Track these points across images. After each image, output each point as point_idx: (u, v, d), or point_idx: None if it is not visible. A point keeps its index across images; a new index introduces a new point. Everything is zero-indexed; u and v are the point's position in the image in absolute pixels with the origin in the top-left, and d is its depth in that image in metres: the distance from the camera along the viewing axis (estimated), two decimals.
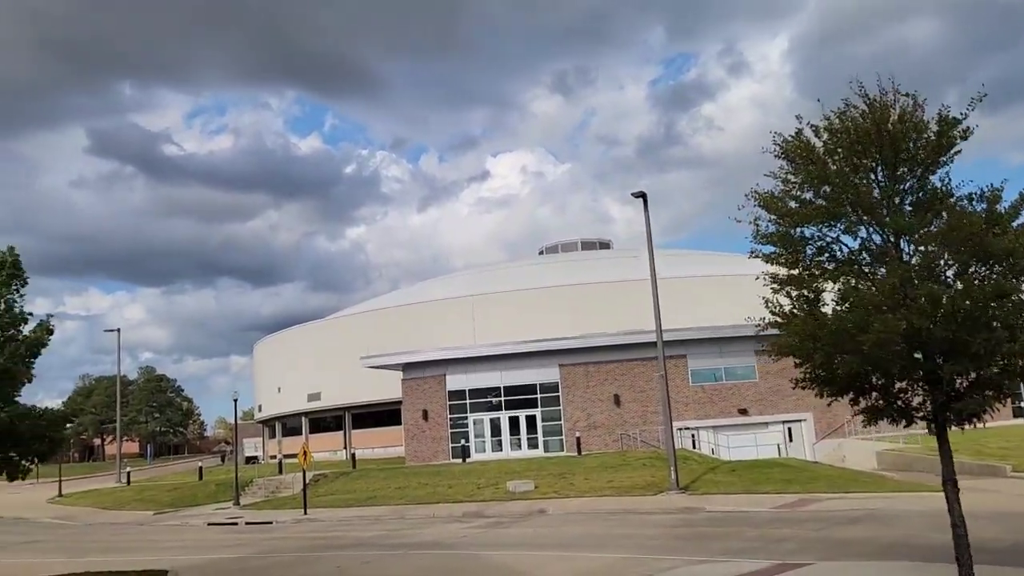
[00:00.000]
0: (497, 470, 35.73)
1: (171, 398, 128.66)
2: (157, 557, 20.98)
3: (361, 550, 19.67)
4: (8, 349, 14.28)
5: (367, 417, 62.11)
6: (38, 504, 45.47)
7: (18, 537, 30.33)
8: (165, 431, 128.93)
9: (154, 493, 43.68)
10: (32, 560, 22.64)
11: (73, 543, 27.05)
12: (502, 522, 24.14)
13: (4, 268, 14.81)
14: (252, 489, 40.64)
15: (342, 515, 29.43)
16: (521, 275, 61.48)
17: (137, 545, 25.24)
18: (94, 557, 22.10)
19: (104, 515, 37.54)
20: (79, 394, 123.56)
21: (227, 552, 21.37)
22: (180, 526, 30.83)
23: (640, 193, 28.67)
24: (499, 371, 44.30)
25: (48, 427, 14.83)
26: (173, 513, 35.98)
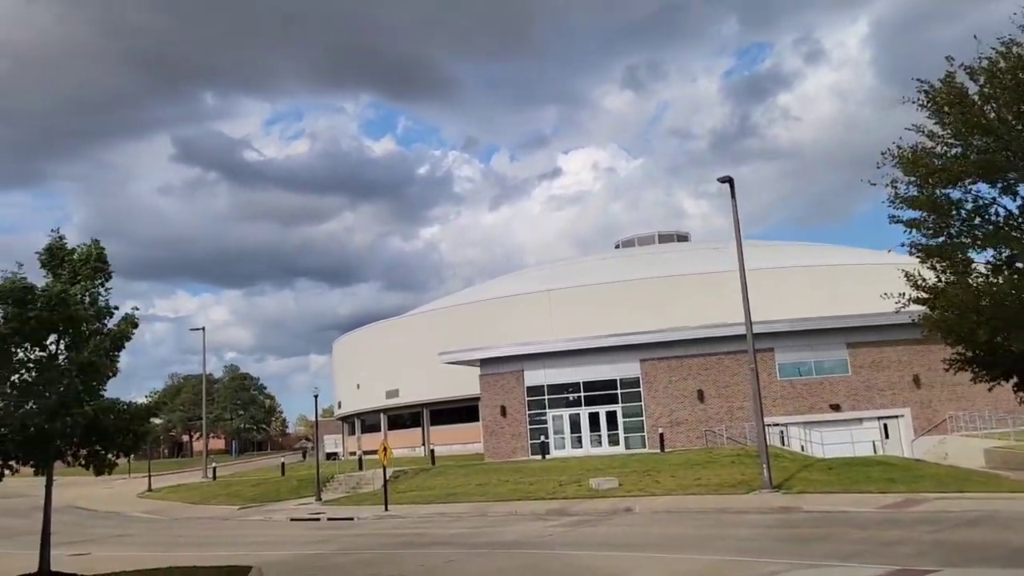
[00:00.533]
0: (578, 467, 34.93)
1: (254, 396, 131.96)
2: (241, 552, 20.93)
3: (444, 548, 19.17)
4: (93, 343, 14.22)
5: (445, 414, 62.09)
6: (130, 499, 46.82)
7: (111, 530, 31.04)
8: (249, 428, 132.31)
9: (239, 488, 44.40)
10: (122, 553, 22.93)
11: (161, 537, 27.46)
12: (587, 520, 23.34)
13: (89, 261, 14.77)
14: (333, 485, 40.85)
15: (423, 512, 29.09)
16: (597, 269, 60.46)
17: (222, 540, 25.40)
18: (181, 552, 22.26)
19: (191, 510, 38.26)
20: (168, 392, 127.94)
21: (309, 548, 21.18)
22: (264, 521, 31.03)
23: (727, 178, 27.43)
24: (578, 366, 43.48)
25: (132, 421, 14.74)
26: (257, 508, 36.36)
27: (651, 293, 51.29)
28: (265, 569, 17.07)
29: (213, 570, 16.83)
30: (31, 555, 23.95)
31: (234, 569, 16.91)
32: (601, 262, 64.50)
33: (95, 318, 14.69)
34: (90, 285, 14.64)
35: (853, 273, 49.51)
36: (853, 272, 49.63)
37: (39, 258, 14.91)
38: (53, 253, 14.93)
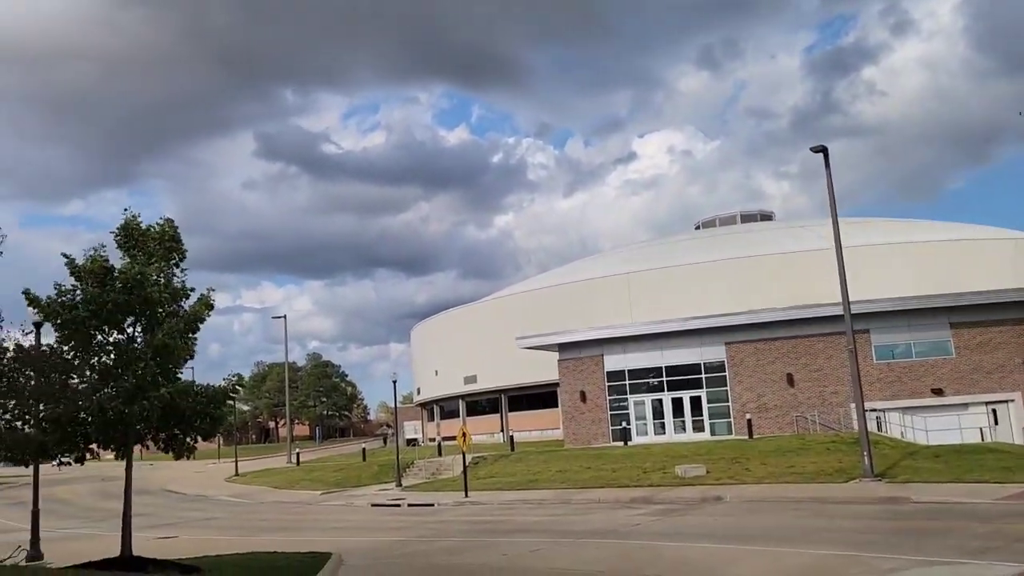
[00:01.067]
0: (662, 454, 33.80)
1: (336, 383, 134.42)
2: (323, 537, 20.69)
3: (527, 536, 18.45)
4: (167, 324, 13.93)
5: (523, 399, 61.54)
6: (218, 483, 47.84)
7: (199, 514, 31.52)
8: (332, 414, 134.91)
9: (321, 473, 44.80)
10: (207, 537, 23.03)
11: (247, 521, 27.62)
12: (675, 509, 22.29)
13: (163, 241, 14.50)
14: (413, 470, 40.74)
15: (503, 498, 28.51)
16: (677, 251, 58.72)
17: (304, 524, 25.32)
18: (263, 536, 22.18)
19: (275, 494, 38.68)
20: (254, 380, 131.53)
21: (390, 535, 20.79)
22: (345, 506, 30.99)
23: (821, 147, 25.76)
24: (659, 350, 42.17)
25: (208, 404, 14.42)
26: (339, 493, 36.47)
27: (735, 274, 49.42)
28: (345, 556, 16.68)
29: (293, 556, 16.50)
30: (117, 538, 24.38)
31: (314, 555, 16.56)
32: (681, 244, 62.68)
33: (171, 299, 14.42)
34: (164, 266, 14.37)
35: (952, 250, 46.64)
36: (952, 249, 46.76)
37: (115, 238, 14.71)
38: (129, 232, 14.71)
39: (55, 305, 13.51)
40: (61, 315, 13.46)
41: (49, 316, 13.48)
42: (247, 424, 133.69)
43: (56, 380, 13.48)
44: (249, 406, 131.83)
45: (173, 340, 13.64)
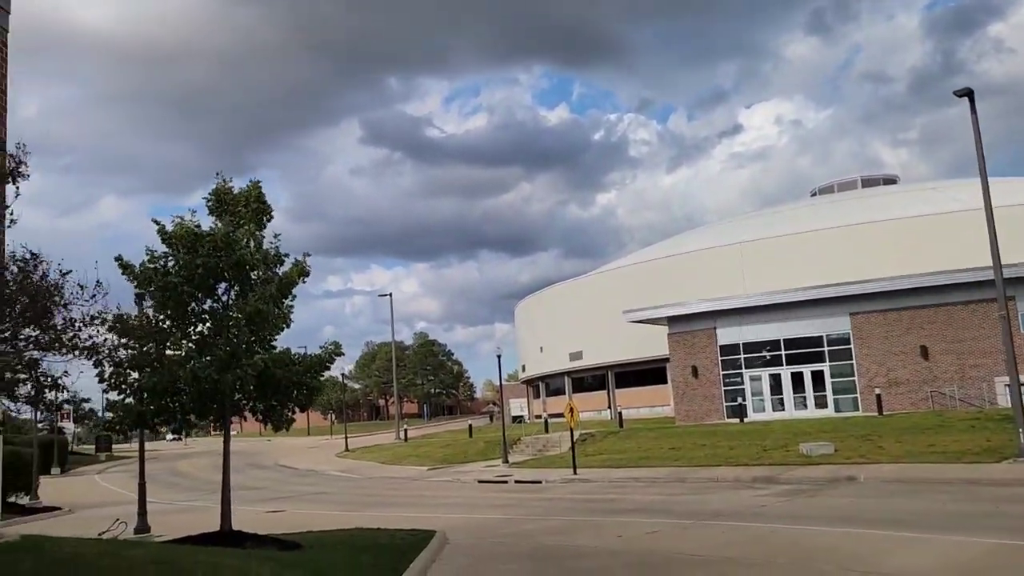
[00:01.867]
0: (782, 431, 31.71)
1: (442, 361, 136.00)
2: (428, 514, 20.01)
3: (641, 516, 17.16)
4: (259, 289, 13.30)
5: (630, 375, 59.93)
6: (328, 458, 48.55)
7: (308, 488, 31.65)
8: (439, 392, 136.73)
9: (428, 449, 44.68)
10: (314, 511, 22.81)
11: (353, 496, 27.41)
12: (804, 490, 20.48)
13: (249, 203, 13.86)
14: (519, 447, 39.97)
15: (613, 476, 27.24)
16: (792, 219, 55.59)
17: (410, 500, 24.81)
18: (369, 511, 21.73)
19: (383, 469, 38.68)
20: (364, 359, 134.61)
21: (497, 512, 19.90)
22: (451, 482, 30.44)
23: (966, 90, 23.08)
24: (777, 322, 39.74)
25: (305, 373, 13.75)
26: (445, 469, 36.06)
27: (858, 240, 46.21)
28: (450, 533, 15.86)
29: (396, 533, 15.79)
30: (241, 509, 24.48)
31: (418, 533, 15.80)
32: (796, 211, 59.33)
33: (261, 263, 13.79)
34: (253, 229, 13.73)
35: None
36: None
37: (206, 204, 14.21)
38: (220, 198, 14.16)
39: (148, 272, 13.09)
40: (154, 281, 13.02)
41: (142, 283, 13.06)
42: (358, 402, 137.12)
43: (153, 349, 13.05)
44: (360, 384, 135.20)
45: (266, 306, 12.98)
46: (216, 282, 13.45)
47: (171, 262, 13.28)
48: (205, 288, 13.34)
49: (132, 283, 13.05)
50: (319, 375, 14.03)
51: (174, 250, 13.32)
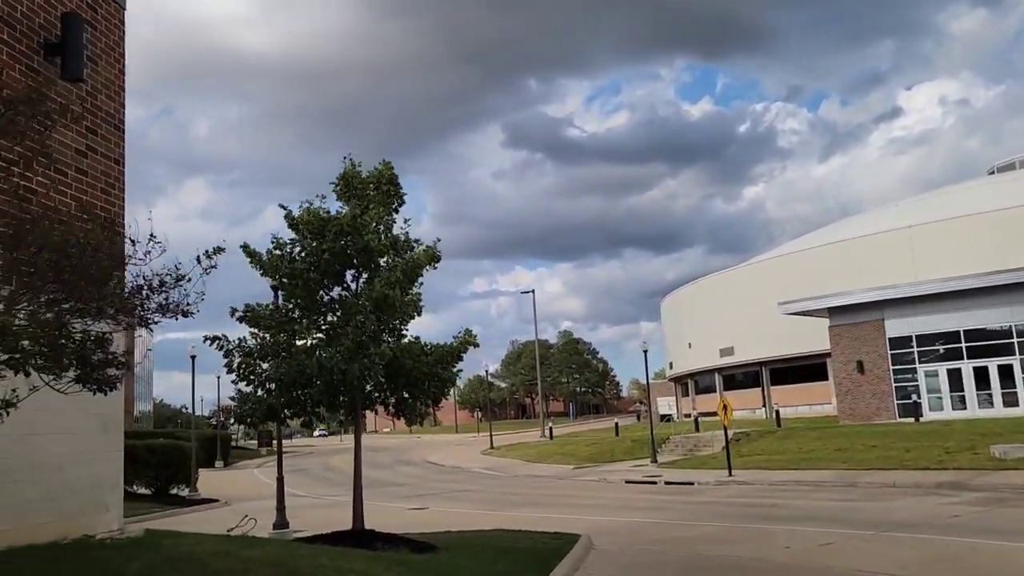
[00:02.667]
0: (966, 431, 28.35)
1: (588, 360, 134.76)
2: (573, 515, 18.86)
3: (810, 525, 15.26)
4: (384, 274, 12.58)
5: (786, 372, 56.44)
6: (473, 455, 48.40)
7: (453, 485, 31.26)
8: (584, 391, 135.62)
9: (573, 448, 43.57)
10: (456, 509, 22.20)
11: (497, 494, 26.68)
12: (1003, 498, 17.80)
13: (379, 185, 13.16)
14: (668, 447, 38.12)
15: (773, 478, 25.09)
16: (967, 200, 50.40)
17: (554, 500, 23.75)
18: (511, 511, 20.84)
19: (527, 468, 37.91)
20: (510, 358, 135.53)
21: (646, 515, 18.47)
22: (597, 482, 29.15)
23: None
24: (955, 312, 35.84)
25: (436, 364, 12.92)
26: (591, 468, 34.81)
27: None
28: (596, 537, 14.63)
29: (539, 536, 14.72)
30: (371, 506, 24.30)
31: (562, 536, 14.67)
32: (972, 191, 53.87)
33: (390, 249, 13.08)
34: (383, 212, 13.03)
35: None
36: None
37: (333, 189, 13.66)
38: (348, 182, 13.57)
39: (274, 260, 12.65)
40: (279, 269, 12.56)
41: (267, 271, 12.63)
42: (505, 400, 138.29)
43: (282, 340, 12.60)
44: (506, 383, 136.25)
45: (392, 291, 12.22)
46: (343, 269, 12.86)
47: (297, 249, 12.80)
48: (332, 275, 12.77)
49: (259, 272, 12.64)
50: (451, 366, 13.16)
51: (300, 236, 12.83)
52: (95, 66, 9.89)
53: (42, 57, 9.02)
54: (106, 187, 9.88)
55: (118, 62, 10.37)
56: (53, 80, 9.15)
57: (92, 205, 9.50)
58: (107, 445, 9.36)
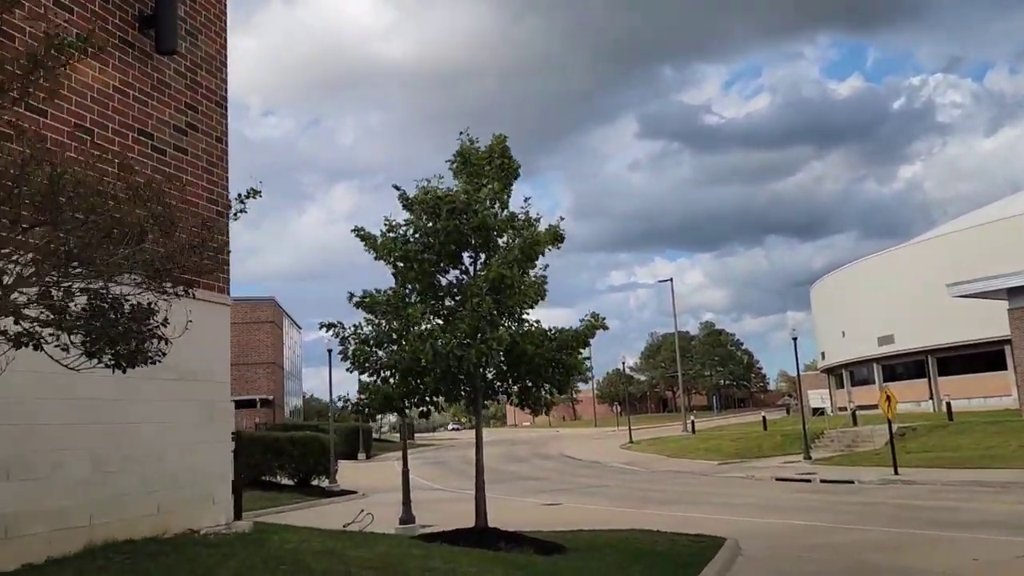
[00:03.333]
0: None
1: (731, 351, 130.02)
2: (716, 516, 17.40)
3: (1000, 533, 13.15)
4: (500, 254, 11.68)
5: (956, 361, 51.57)
6: (612, 450, 47.12)
7: (589, 481, 30.20)
8: (728, 384, 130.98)
9: (717, 443, 41.49)
10: (595, 506, 21.21)
11: (633, 491, 25.39)
12: None
13: (492, 159, 12.28)
14: (823, 442, 35.47)
15: (947, 478, 22.47)
16: None
17: (696, 498, 22.22)
18: (649, 509, 19.59)
19: (667, 463, 36.30)
20: (649, 351, 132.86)
21: (800, 516, 16.73)
22: (744, 479, 27.28)
23: None
24: None
25: (559, 350, 11.91)
26: (737, 464, 32.83)
27: None
28: (743, 541, 13.21)
29: (678, 539, 13.44)
30: (502, 502, 23.62)
31: (704, 539, 13.33)
32: None
33: (508, 226, 12.17)
34: (498, 188, 12.13)
35: None
36: None
37: (450, 167, 12.91)
38: (466, 158, 12.78)
39: (387, 242, 12.02)
40: (393, 251, 11.92)
41: (381, 254, 12.01)
42: (645, 394, 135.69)
43: (398, 326, 11.94)
44: (645, 376, 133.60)
45: (509, 270, 11.30)
46: (459, 249, 12.07)
47: (411, 230, 12.12)
48: (448, 256, 12.02)
49: (372, 255, 12.04)
50: (576, 352, 12.11)
51: (415, 216, 12.14)
52: (194, 40, 9.50)
53: (137, 30, 8.68)
54: (208, 166, 9.48)
55: (219, 36, 9.97)
56: (149, 54, 8.80)
57: (192, 184, 9.11)
58: (212, 435, 8.94)
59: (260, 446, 28.30)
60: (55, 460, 7.02)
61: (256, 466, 28.04)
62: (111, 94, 8.08)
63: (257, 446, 28.36)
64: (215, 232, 9.33)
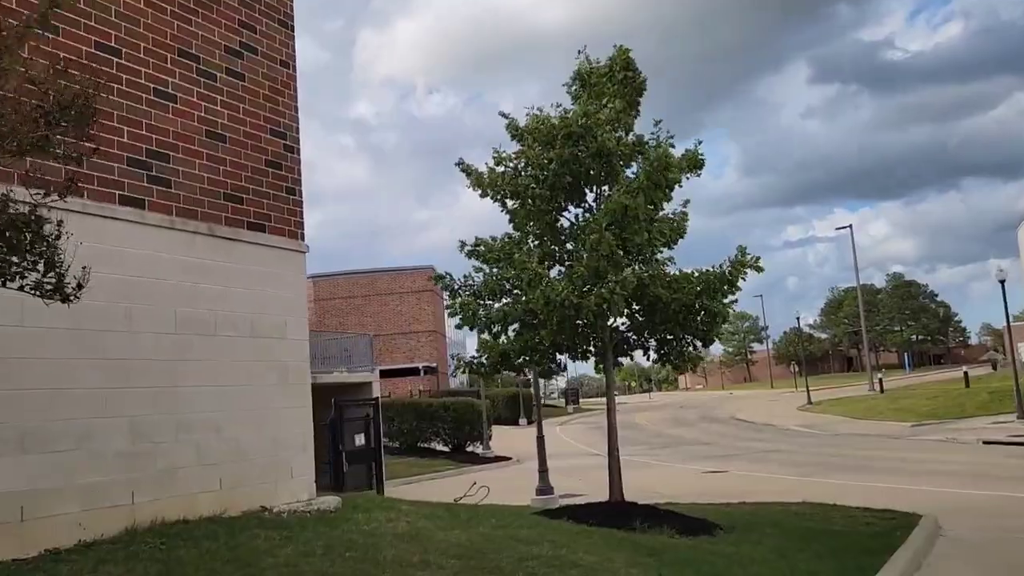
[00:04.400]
0: None
1: (924, 304, 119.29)
2: (909, 486, 14.86)
3: None
4: (623, 181, 9.88)
5: None
6: (788, 412, 43.84)
7: (760, 445, 27.73)
8: (921, 339, 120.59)
9: (910, 402, 37.31)
10: (764, 474, 19.10)
11: (811, 456, 22.78)
12: None
13: (613, 74, 10.44)
14: None
15: None
16: None
17: (885, 465, 19.39)
18: (828, 477, 17.24)
19: (851, 424, 32.91)
20: (830, 307, 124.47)
21: (1014, 487, 13.88)
22: (943, 442, 23.86)
23: None
24: None
25: (700, 295, 9.99)
26: (934, 425, 29.09)
27: None
28: (944, 518, 10.83)
29: (860, 516, 11.23)
30: (662, 469, 21.83)
31: (893, 515, 11.04)
32: None
33: (634, 152, 10.33)
34: (620, 108, 10.27)
35: None
36: None
37: (567, 90, 11.19)
38: (583, 79, 11.01)
39: (494, 176, 10.51)
40: (500, 186, 10.40)
41: (485, 190, 10.52)
42: (827, 353, 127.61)
43: (511, 274, 10.45)
44: (827, 334, 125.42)
45: (633, 200, 9.48)
46: (577, 181, 10.35)
47: (522, 163, 10.54)
48: (563, 190, 10.34)
49: (478, 192, 10.57)
50: (722, 296, 10.13)
51: (526, 147, 10.54)
52: None
53: None
54: (271, 94, 8.32)
55: None
56: None
57: (251, 115, 7.98)
58: (286, 400, 7.87)
59: (413, 413, 28.04)
60: (83, 430, 6.11)
61: (410, 432, 27.83)
62: (143, 9, 7.01)
63: (410, 413, 28.12)
64: (281, 169, 8.22)
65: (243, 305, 7.37)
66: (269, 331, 7.62)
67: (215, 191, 7.37)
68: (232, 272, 7.34)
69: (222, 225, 7.43)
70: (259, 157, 7.84)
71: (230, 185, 7.52)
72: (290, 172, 8.12)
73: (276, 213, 7.95)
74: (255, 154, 7.82)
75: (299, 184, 8.23)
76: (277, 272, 7.79)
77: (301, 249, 8.33)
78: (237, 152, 7.65)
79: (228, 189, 7.49)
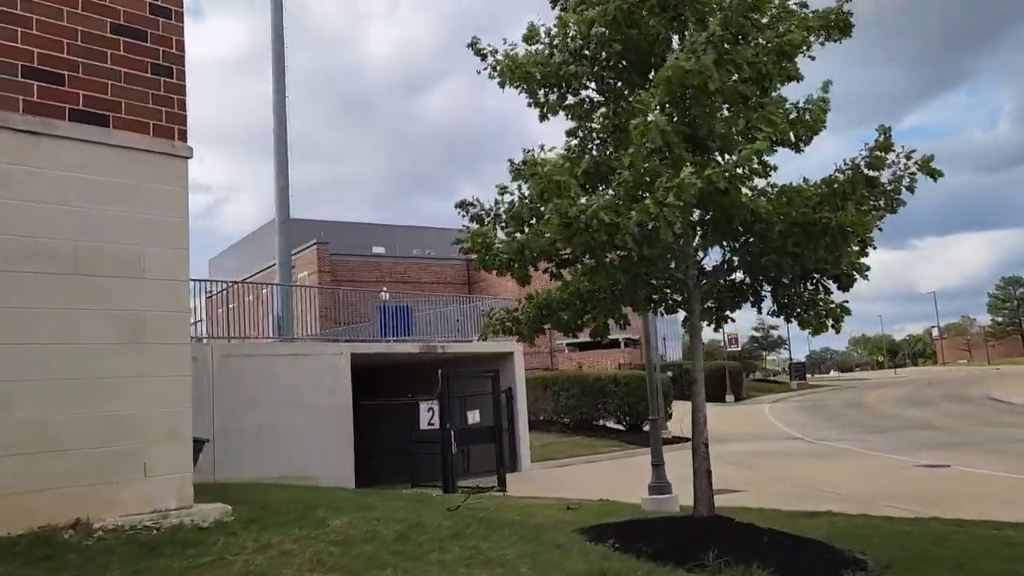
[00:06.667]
0: None
1: None
2: None
3: None
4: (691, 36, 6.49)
5: None
6: None
7: (1011, 432, 22.14)
8: None
9: None
10: (999, 472, 14.44)
11: None
12: None
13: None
14: None
15: None
16: None
17: None
18: None
19: None
20: None
21: None
22: None
23: None
24: None
25: (816, 207, 6.44)
26: None
27: None
28: None
29: None
30: (867, 459, 17.47)
31: None
32: None
33: None
34: None
35: None
36: None
37: None
38: None
39: (525, 58, 7.54)
40: (523, 69, 7.42)
41: (504, 76, 7.56)
42: None
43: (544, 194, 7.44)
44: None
45: (696, 61, 6.09)
46: (635, 55, 7.11)
47: (563, 36, 7.46)
48: (615, 71, 7.15)
49: (497, 80, 7.62)
50: (855, 205, 6.49)
51: (570, 15, 7.44)
52: None
53: None
54: None
55: None
56: None
57: None
58: (139, 366, 5.53)
59: (578, 388, 25.31)
60: None
61: (576, 408, 25.16)
62: None
63: (575, 387, 25.42)
64: (144, 40, 5.86)
65: (64, 228, 5.19)
66: (112, 268, 5.36)
67: (6, 64, 5.23)
68: (43, 180, 5.19)
69: (17, 113, 5.28)
70: (99, 20, 5.59)
71: (37, 56, 5.35)
72: (161, 45, 5.79)
73: (131, 101, 5.69)
74: (92, 15, 5.57)
75: (179, 64, 5.87)
76: (129, 183, 5.53)
77: (178, 153, 5.94)
78: (52, 10, 5.45)
79: (34, 62, 5.32)
